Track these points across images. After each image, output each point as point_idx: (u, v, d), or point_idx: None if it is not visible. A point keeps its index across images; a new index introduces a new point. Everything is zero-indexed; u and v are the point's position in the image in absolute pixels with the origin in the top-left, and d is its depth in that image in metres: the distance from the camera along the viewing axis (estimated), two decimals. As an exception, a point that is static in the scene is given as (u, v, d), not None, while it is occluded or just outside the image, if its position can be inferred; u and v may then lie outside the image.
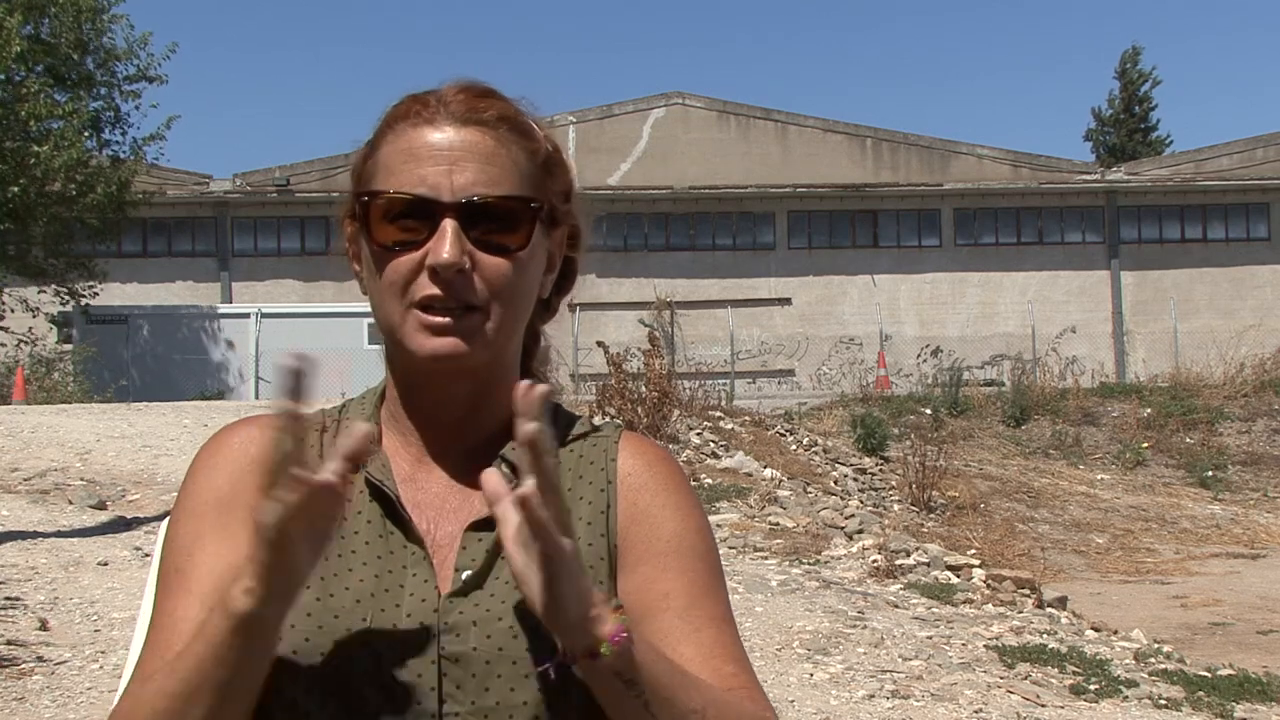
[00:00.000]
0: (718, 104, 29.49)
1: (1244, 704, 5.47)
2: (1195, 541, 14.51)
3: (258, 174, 28.32)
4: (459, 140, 1.08)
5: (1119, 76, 42.07)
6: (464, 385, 1.13)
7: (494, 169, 1.08)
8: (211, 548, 1.09)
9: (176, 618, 1.06)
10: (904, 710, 4.89)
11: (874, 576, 7.82)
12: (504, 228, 1.08)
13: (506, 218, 1.08)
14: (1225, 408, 19.41)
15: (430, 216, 1.06)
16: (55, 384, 18.61)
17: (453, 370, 1.09)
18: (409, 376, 1.14)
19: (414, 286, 1.07)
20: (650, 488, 1.16)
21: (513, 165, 1.10)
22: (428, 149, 1.08)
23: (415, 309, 1.07)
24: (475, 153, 1.08)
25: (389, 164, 1.09)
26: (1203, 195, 29.83)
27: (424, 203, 1.06)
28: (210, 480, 1.14)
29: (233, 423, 1.20)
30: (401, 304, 1.07)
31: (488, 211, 1.07)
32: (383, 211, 1.08)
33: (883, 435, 17.04)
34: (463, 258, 1.05)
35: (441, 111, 1.10)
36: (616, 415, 12.65)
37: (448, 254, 1.04)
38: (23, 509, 7.85)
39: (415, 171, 1.07)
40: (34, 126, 17.72)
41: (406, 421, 1.15)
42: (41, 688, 4.49)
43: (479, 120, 1.10)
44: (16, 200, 17.79)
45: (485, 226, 1.07)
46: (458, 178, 1.07)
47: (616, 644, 0.95)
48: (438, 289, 1.05)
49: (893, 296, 29.32)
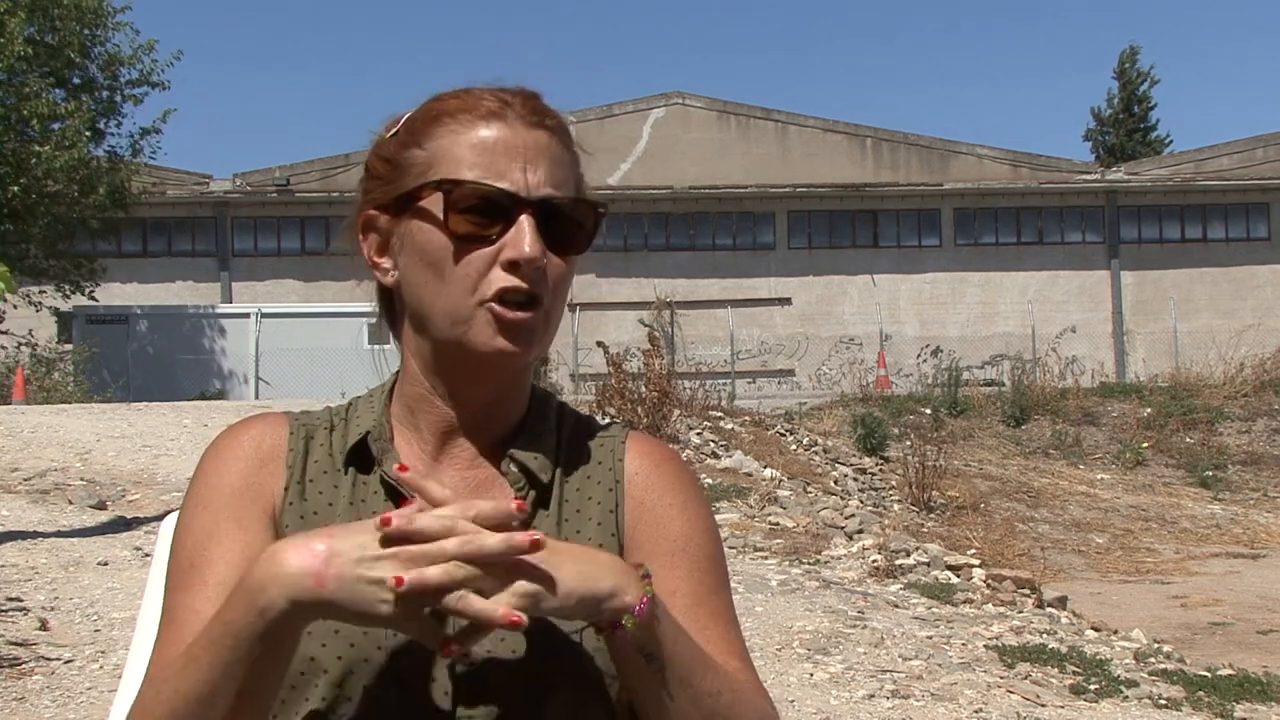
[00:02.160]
0: (718, 104, 29.49)
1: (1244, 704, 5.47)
2: (1195, 541, 14.51)
3: (258, 174, 28.32)
4: (532, 141, 1.09)
5: (1118, 76, 42.07)
6: (493, 385, 1.13)
7: (561, 172, 1.10)
8: (227, 542, 1.09)
9: (193, 612, 1.05)
10: (904, 710, 4.89)
11: (874, 576, 7.83)
12: (571, 230, 1.10)
13: (575, 220, 1.10)
14: (1225, 408, 19.41)
15: (506, 212, 1.07)
16: (55, 384, 18.60)
17: (506, 369, 1.10)
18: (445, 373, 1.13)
19: (487, 280, 1.07)
20: (658, 487, 1.16)
21: (572, 171, 1.13)
22: (503, 145, 1.08)
23: (490, 303, 1.07)
24: (546, 155, 1.09)
25: (456, 155, 1.08)
26: (1203, 195, 29.83)
27: (505, 197, 1.06)
28: (222, 475, 1.14)
29: (243, 419, 1.20)
30: (473, 297, 1.07)
31: (559, 212, 1.09)
32: (458, 202, 1.07)
33: (883, 435, 17.04)
34: (544, 255, 1.06)
35: (510, 111, 1.10)
36: (616, 415, 12.65)
37: (532, 248, 1.05)
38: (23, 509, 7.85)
39: (493, 165, 1.07)
40: (36, 126, 17.73)
41: (422, 419, 1.15)
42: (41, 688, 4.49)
43: (545, 125, 1.11)
44: (17, 200, 17.80)
45: (555, 226, 1.08)
46: (532, 176, 1.08)
47: (639, 615, 0.96)
48: (519, 281, 1.06)
49: (893, 296, 29.32)
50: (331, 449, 1.16)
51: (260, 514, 1.11)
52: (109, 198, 19.04)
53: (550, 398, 1.22)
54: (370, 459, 1.14)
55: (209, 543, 1.09)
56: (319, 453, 1.16)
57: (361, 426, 1.15)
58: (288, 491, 1.12)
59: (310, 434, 1.17)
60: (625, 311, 27.58)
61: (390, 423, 1.16)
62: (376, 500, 1.11)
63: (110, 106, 20.05)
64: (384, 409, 1.17)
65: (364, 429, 1.15)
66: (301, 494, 1.13)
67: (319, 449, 1.16)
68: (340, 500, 1.12)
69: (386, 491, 1.12)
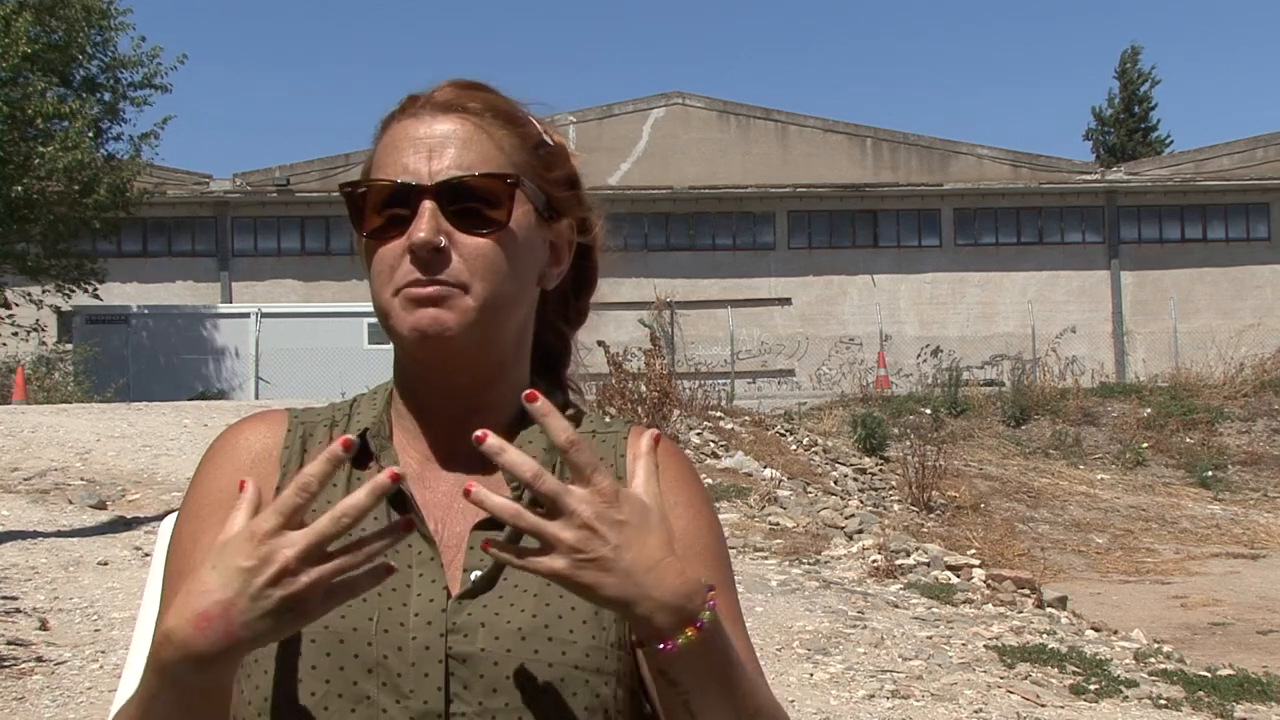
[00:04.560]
0: (718, 104, 29.49)
1: (1244, 704, 5.47)
2: (1195, 541, 14.51)
3: (258, 174, 28.31)
4: (439, 128, 1.10)
5: (1119, 76, 42.06)
6: (461, 377, 1.12)
7: (472, 153, 1.10)
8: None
9: None
10: (904, 710, 4.89)
11: (874, 576, 7.83)
12: (483, 205, 1.09)
13: (485, 196, 1.09)
14: (1225, 408, 19.41)
15: (411, 202, 1.08)
16: (55, 384, 18.61)
17: (442, 351, 1.09)
18: (409, 368, 1.15)
19: (399, 271, 1.08)
20: (662, 484, 1.16)
21: (495, 149, 1.11)
22: (410, 139, 1.10)
23: (403, 290, 1.07)
24: (454, 138, 1.10)
25: (379, 160, 1.12)
26: (1203, 195, 29.82)
27: (403, 188, 1.08)
28: (213, 480, 1.14)
29: (240, 420, 1.20)
30: (389, 289, 1.08)
31: (465, 191, 1.08)
32: (370, 203, 1.10)
33: (883, 435, 17.04)
34: (438, 236, 1.06)
35: (426, 105, 1.12)
36: (617, 415, 12.66)
37: (423, 233, 1.06)
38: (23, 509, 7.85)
39: (398, 161, 1.09)
40: (40, 126, 17.75)
41: (413, 419, 1.15)
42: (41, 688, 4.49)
43: (461, 108, 1.12)
44: (20, 199, 17.81)
45: (464, 206, 1.08)
46: (435, 163, 1.08)
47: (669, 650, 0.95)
48: (418, 269, 1.07)
49: (893, 296, 29.31)
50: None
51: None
52: (110, 198, 19.05)
53: (551, 393, 1.21)
54: (369, 456, 1.13)
55: (196, 549, 1.09)
56: (318, 450, 1.15)
57: (361, 423, 1.16)
58: (279, 491, 1.10)
59: (309, 431, 1.18)
60: (625, 311, 27.55)
61: (390, 420, 1.16)
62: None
63: (112, 109, 20.07)
64: (385, 406, 1.17)
65: (364, 425, 1.15)
66: None
67: (318, 446, 1.16)
68: (337, 496, 1.11)
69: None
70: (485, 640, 1.03)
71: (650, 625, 0.94)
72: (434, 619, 1.04)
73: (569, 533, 0.92)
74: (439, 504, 1.12)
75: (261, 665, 1.04)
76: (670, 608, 0.93)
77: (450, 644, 1.03)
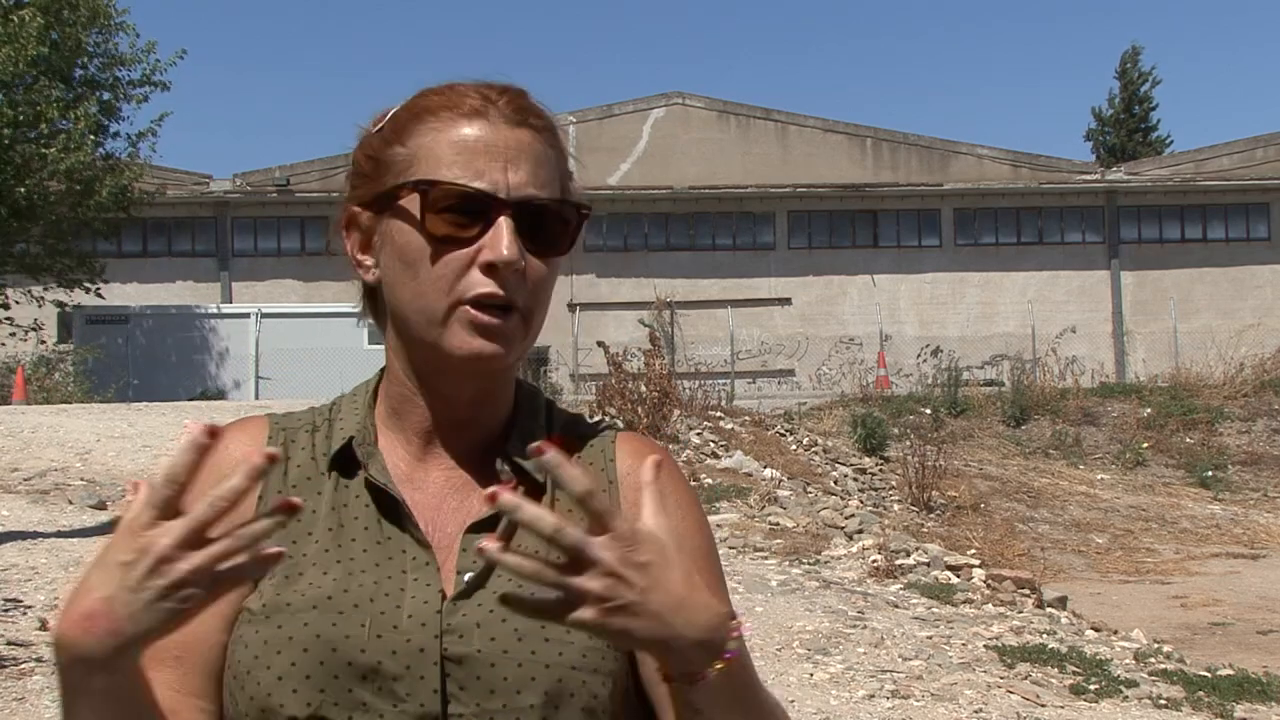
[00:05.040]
0: (718, 104, 29.50)
1: (1244, 704, 5.47)
2: (1195, 541, 14.51)
3: (258, 174, 28.32)
4: (513, 140, 1.07)
5: (1119, 76, 42.06)
6: (473, 385, 1.11)
7: (544, 172, 1.08)
8: None
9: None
10: (904, 710, 4.89)
11: (874, 576, 7.82)
12: (553, 230, 1.08)
13: (557, 221, 1.08)
14: (1225, 408, 19.42)
15: (485, 212, 1.05)
16: (55, 384, 18.61)
17: (484, 372, 1.08)
18: (425, 374, 1.11)
19: (464, 282, 1.04)
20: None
21: (556, 171, 1.10)
22: (483, 144, 1.06)
23: (465, 306, 1.05)
24: (528, 154, 1.07)
25: (436, 154, 1.07)
26: (1203, 195, 29.83)
27: (482, 197, 1.04)
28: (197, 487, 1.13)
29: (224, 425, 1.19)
30: (448, 299, 1.05)
31: (540, 212, 1.06)
32: (435, 202, 1.05)
33: (883, 435, 17.05)
34: (522, 257, 1.04)
35: (493, 109, 1.08)
36: (617, 415, 12.66)
37: (509, 251, 1.03)
38: (23, 509, 7.85)
39: (472, 165, 1.05)
40: (44, 128, 17.76)
41: (406, 420, 1.14)
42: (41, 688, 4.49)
43: (529, 123, 1.09)
44: (21, 200, 17.82)
45: (536, 227, 1.06)
46: (513, 176, 1.05)
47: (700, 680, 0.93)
48: (495, 286, 1.04)
49: (893, 296, 29.32)
50: (314, 451, 1.14)
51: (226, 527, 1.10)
52: (111, 200, 19.06)
53: (538, 395, 1.20)
54: (353, 462, 1.12)
55: None
56: (300, 456, 1.14)
57: (346, 429, 1.13)
58: (262, 500, 1.09)
59: (291, 437, 1.15)
60: (625, 311, 27.57)
61: (374, 424, 1.15)
62: (359, 504, 1.10)
63: (110, 108, 20.07)
64: (368, 410, 1.15)
65: (348, 432, 1.13)
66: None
67: (300, 452, 1.14)
68: (322, 505, 1.10)
69: (370, 495, 1.10)
70: (481, 641, 1.03)
71: (683, 661, 0.93)
72: (428, 621, 1.03)
73: (596, 583, 0.89)
74: (429, 505, 1.10)
75: (254, 676, 1.02)
76: (702, 644, 0.92)
77: (446, 646, 1.03)
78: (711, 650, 0.93)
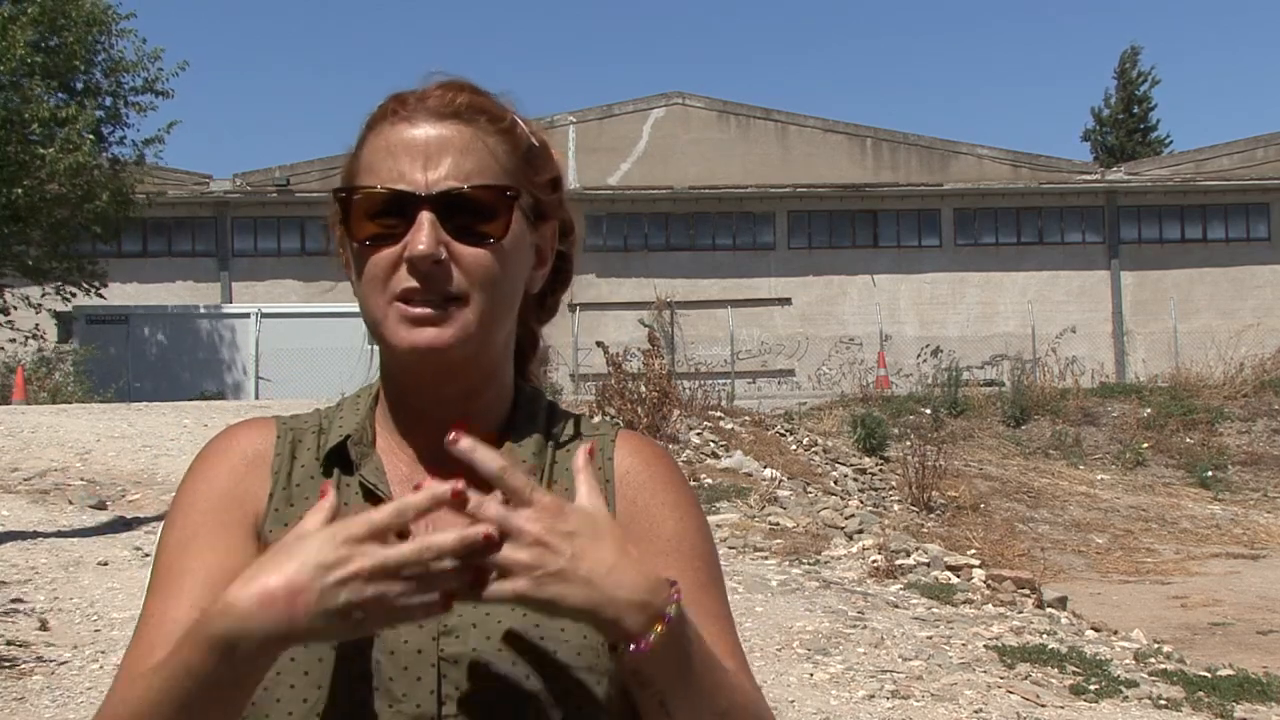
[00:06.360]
0: (718, 104, 29.49)
1: (1244, 704, 5.47)
2: (1195, 541, 14.51)
3: (258, 174, 28.32)
4: (435, 134, 1.09)
5: (1118, 76, 42.06)
6: (453, 386, 1.12)
7: (470, 161, 1.09)
8: (205, 550, 1.08)
9: (165, 619, 1.04)
10: (904, 710, 4.89)
11: (874, 576, 7.82)
12: (481, 218, 1.09)
13: (483, 208, 1.09)
14: (1225, 408, 19.42)
15: (407, 211, 1.07)
16: (56, 384, 18.60)
17: (437, 365, 1.09)
18: (399, 376, 1.14)
19: (394, 280, 1.07)
20: (649, 486, 1.16)
21: (490, 157, 1.10)
22: (404, 145, 1.09)
23: (396, 302, 1.07)
24: (451, 146, 1.09)
25: (370, 163, 1.10)
26: (1203, 195, 29.83)
27: (400, 196, 1.07)
28: (209, 481, 1.13)
29: (231, 426, 1.20)
30: (383, 298, 1.08)
31: (464, 202, 1.08)
32: (362, 208, 1.09)
33: (883, 435, 17.05)
34: (438, 248, 1.06)
35: (419, 108, 1.10)
36: (616, 415, 12.65)
37: (423, 245, 1.05)
38: (23, 509, 7.85)
39: (393, 168, 1.08)
40: (39, 131, 17.73)
41: (401, 420, 1.15)
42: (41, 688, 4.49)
43: (454, 114, 1.10)
44: (20, 202, 17.80)
45: (463, 217, 1.08)
46: (433, 171, 1.08)
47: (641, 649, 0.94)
48: (416, 281, 1.06)
49: (893, 296, 29.32)
50: (318, 452, 1.16)
51: (241, 521, 1.11)
52: (111, 203, 19.04)
53: (539, 396, 1.21)
54: (351, 462, 1.13)
55: (187, 550, 1.09)
56: (305, 456, 1.16)
57: (344, 429, 1.15)
58: (272, 498, 1.12)
59: (298, 438, 1.17)
60: (625, 311, 27.57)
61: (374, 425, 1.16)
62: (357, 504, 1.11)
63: (114, 114, 20.06)
64: (369, 410, 1.17)
65: (346, 432, 1.15)
66: (288, 500, 1.13)
67: (305, 453, 1.16)
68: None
69: (365, 495, 1.11)
70: (477, 640, 1.04)
71: (620, 627, 0.94)
72: (425, 621, 1.03)
73: (522, 552, 0.92)
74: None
75: None
76: (636, 605, 0.94)
77: (442, 646, 1.03)
78: (649, 612, 0.94)
